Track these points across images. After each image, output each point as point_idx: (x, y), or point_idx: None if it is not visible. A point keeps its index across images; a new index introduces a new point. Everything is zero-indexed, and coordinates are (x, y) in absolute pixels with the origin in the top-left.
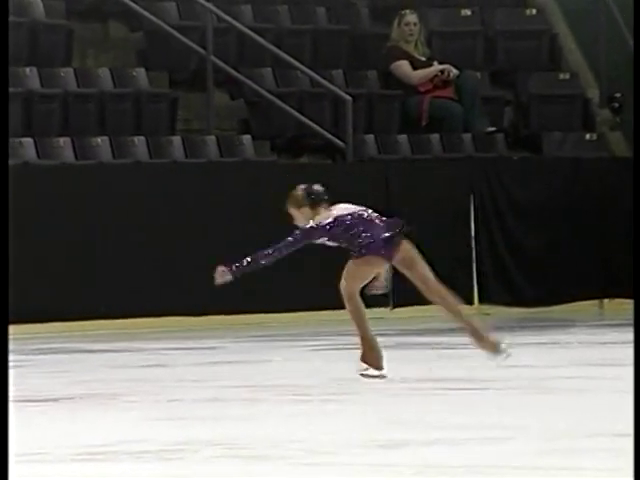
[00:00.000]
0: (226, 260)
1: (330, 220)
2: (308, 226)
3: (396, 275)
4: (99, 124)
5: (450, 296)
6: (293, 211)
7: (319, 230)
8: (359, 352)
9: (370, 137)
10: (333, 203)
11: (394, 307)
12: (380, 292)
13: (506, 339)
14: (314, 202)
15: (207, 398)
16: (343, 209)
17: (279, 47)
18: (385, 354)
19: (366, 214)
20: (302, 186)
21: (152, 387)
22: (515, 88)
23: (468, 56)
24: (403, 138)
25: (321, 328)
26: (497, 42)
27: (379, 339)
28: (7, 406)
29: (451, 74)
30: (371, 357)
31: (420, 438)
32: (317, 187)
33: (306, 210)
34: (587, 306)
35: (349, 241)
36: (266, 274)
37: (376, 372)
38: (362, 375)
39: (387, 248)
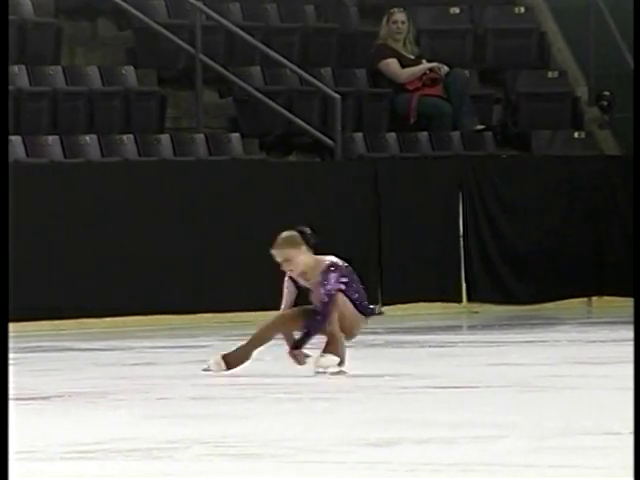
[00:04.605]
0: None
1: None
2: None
3: (385, 272)
4: (88, 122)
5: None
6: (290, 252)
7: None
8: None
9: (359, 135)
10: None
11: (383, 305)
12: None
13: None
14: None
15: (197, 396)
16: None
17: (268, 45)
18: (374, 352)
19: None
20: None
21: (142, 385)
22: (504, 86)
23: (457, 54)
24: (392, 136)
25: None
26: (486, 40)
27: (369, 337)
28: (7, 404)
29: (441, 70)
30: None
31: (412, 436)
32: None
33: (304, 249)
34: (576, 304)
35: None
36: (254, 272)
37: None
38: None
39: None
